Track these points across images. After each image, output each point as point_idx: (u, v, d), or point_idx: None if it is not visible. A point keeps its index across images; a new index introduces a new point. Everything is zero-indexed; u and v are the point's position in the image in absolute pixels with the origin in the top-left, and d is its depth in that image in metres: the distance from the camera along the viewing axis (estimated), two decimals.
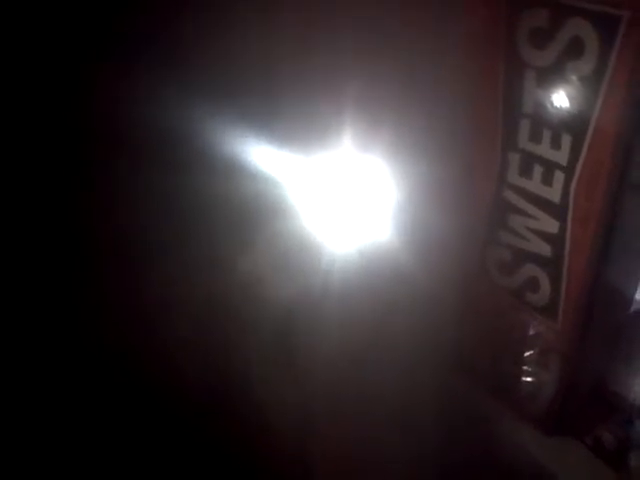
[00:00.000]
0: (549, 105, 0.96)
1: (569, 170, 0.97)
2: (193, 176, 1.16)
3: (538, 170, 1.01)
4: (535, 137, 1.00)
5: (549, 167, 1.00)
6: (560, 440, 1.14)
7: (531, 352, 1.13)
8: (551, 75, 0.94)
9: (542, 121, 0.98)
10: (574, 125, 0.94)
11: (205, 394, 1.36)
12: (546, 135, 0.98)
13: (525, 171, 1.03)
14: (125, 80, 1.04)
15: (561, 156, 0.97)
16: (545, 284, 1.07)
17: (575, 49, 0.90)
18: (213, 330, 1.34)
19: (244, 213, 1.23)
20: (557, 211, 1.01)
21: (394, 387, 1.27)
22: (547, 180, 1.01)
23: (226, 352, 1.35)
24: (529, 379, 1.15)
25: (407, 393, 1.27)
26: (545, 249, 1.05)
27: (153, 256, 1.20)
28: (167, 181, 1.17)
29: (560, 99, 0.94)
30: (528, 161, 1.02)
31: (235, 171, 1.14)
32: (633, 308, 1.14)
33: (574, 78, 0.91)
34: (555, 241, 1.03)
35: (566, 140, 0.96)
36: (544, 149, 0.99)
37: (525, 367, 1.14)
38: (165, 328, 1.27)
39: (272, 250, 1.30)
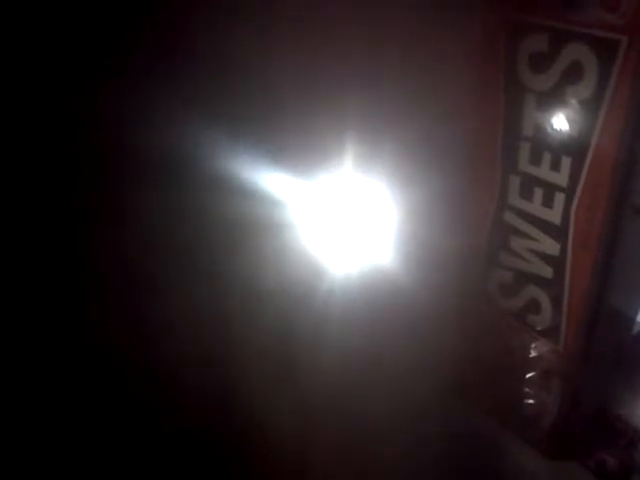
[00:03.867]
0: (549, 128, 0.96)
1: (569, 192, 0.97)
2: (194, 194, 1.17)
3: (538, 192, 1.02)
4: (535, 160, 1.00)
5: (549, 189, 1.00)
6: (562, 464, 1.13)
7: (532, 374, 1.12)
8: (551, 99, 0.94)
9: (542, 144, 0.98)
10: (574, 148, 0.94)
11: (204, 409, 1.36)
12: (546, 158, 0.99)
13: (525, 193, 1.04)
14: (129, 98, 1.04)
15: (561, 178, 0.97)
16: (547, 306, 1.06)
17: (575, 73, 0.90)
18: (213, 345, 1.34)
19: (245, 231, 1.23)
20: (558, 233, 1.01)
21: (393, 406, 1.26)
22: (548, 202, 1.01)
23: (226, 366, 1.34)
24: (530, 401, 1.14)
25: (406, 413, 1.26)
26: (546, 271, 1.04)
27: (155, 272, 1.21)
28: (170, 198, 1.17)
29: (560, 122, 0.95)
30: (528, 183, 1.02)
31: (236, 190, 1.15)
32: (636, 330, 1.14)
33: (574, 102, 0.92)
34: (556, 263, 1.02)
35: (566, 162, 0.96)
36: (544, 171, 0.99)
37: (526, 389, 1.14)
38: (166, 343, 1.27)
39: (273, 268, 1.30)
